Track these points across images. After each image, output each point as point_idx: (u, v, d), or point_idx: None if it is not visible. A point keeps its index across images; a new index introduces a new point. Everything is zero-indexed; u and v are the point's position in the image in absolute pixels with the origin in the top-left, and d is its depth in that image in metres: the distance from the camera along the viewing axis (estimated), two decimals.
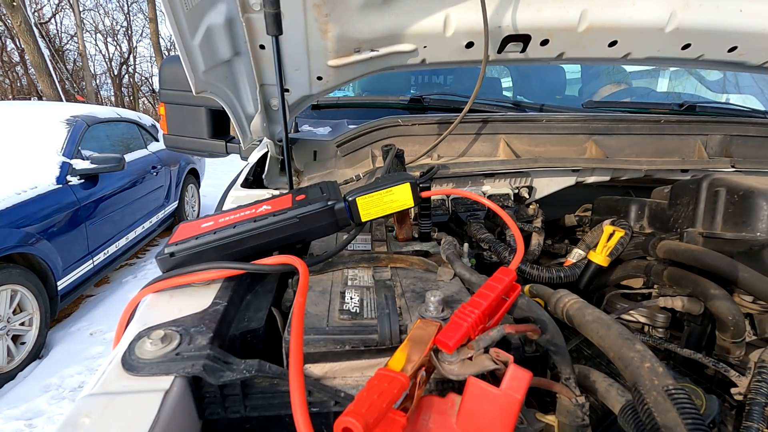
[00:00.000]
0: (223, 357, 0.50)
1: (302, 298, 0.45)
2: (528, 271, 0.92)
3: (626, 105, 1.86)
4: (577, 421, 0.51)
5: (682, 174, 1.33)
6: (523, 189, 1.28)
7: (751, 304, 0.77)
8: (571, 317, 0.64)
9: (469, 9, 0.99)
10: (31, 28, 9.68)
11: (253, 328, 0.60)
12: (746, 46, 1.12)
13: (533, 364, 0.55)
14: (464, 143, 1.35)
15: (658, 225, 0.99)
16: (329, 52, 1.01)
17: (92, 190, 3.39)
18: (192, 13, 0.84)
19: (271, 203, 0.75)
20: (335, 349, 0.53)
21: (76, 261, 3.14)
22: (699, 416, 0.44)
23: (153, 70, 20.78)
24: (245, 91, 1.09)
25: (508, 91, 2.23)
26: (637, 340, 0.52)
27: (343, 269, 0.73)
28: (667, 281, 0.85)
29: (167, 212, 4.86)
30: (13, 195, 2.71)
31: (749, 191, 0.77)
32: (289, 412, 0.49)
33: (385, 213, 0.73)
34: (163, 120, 1.40)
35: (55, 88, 10.52)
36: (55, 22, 16.68)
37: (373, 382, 0.38)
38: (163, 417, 0.42)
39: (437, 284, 0.69)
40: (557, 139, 1.37)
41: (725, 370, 0.69)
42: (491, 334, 0.47)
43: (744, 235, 0.77)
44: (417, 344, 0.44)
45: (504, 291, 0.51)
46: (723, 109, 1.75)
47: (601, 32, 1.05)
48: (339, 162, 1.32)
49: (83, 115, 3.76)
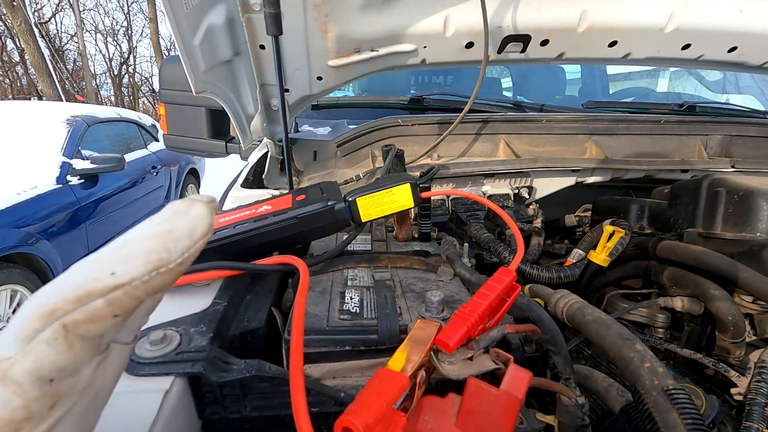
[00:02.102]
0: (223, 357, 0.50)
1: (302, 298, 0.45)
2: (528, 271, 0.92)
3: (626, 105, 1.86)
4: (577, 421, 0.51)
5: (682, 174, 1.33)
6: (523, 189, 1.28)
7: (751, 304, 0.77)
8: (571, 317, 0.64)
9: (469, 9, 0.99)
10: (31, 28, 9.68)
11: (253, 328, 0.60)
12: (746, 46, 1.12)
13: (533, 364, 0.55)
14: (464, 143, 1.35)
15: (658, 225, 0.99)
16: (329, 52, 1.01)
17: (92, 190, 3.39)
18: (192, 13, 0.84)
19: (271, 203, 0.75)
20: (335, 350, 0.53)
21: (76, 261, 3.13)
22: (699, 416, 0.44)
23: (153, 70, 20.80)
24: (245, 91, 1.09)
25: (508, 91, 2.23)
26: (637, 340, 0.52)
27: (343, 269, 0.73)
28: (667, 281, 0.85)
29: None
30: (13, 195, 2.71)
31: (749, 191, 0.77)
32: (289, 412, 0.49)
33: (385, 213, 0.73)
34: (163, 120, 1.40)
35: (55, 88, 10.53)
36: (55, 22, 16.70)
37: (373, 382, 0.38)
38: (162, 417, 0.42)
39: (437, 284, 0.69)
40: (557, 139, 1.37)
41: (725, 370, 0.69)
42: (491, 334, 0.47)
43: (744, 235, 0.77)
44: (417, 344, 0.44)
45: (504, 291, 0.51)
46: (723, 109, 1.74)
47: (601, 32, 1.06)
48: (339, 162, 1.32)
49: (83, 115, 3.76)
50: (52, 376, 0.22)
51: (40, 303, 0.22)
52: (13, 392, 0.21)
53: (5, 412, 0.21)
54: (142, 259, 0.23)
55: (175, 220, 0.25)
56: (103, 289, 0.22)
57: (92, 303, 0.22)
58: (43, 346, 0.22)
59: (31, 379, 0.22)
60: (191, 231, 0.25)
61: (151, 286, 0.23)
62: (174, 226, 0.25)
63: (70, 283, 0.23)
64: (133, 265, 0.23)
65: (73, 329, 0.22)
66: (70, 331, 0.22)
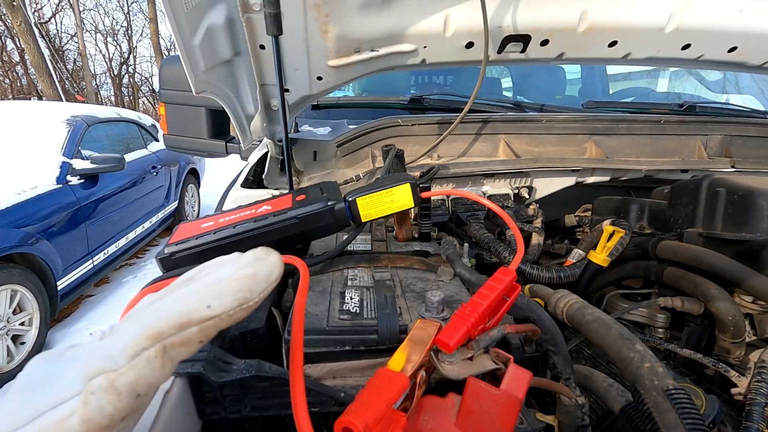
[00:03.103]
0: (223, 357, 0.50)
1: (302, 298, 0.45)
2: (528, 271, 0.92)
3: (626, 105, 1.86)
4: (577, 422, 0.51)
5: (682, 174, 1.33)
6: (523, 189, 1.28)
7: (751, 304, 0.77)
8: (571, 317, 0.64)
9: (469, 9, 0.99)
10: (31, 28, 9.68)
11: (253, 328, 0.60)
12: (746, 46, 1.12)
13: (533, 364, 0.55)
14: (464, 143, 1.35)
15: (658, 225, 0.99)
16: (329, 52, 1.01)
17: (92, 190, 3.39)
18: (192, 13, 0.84)
19: (271, 203, 0.75)
20: (335, 350, 0.53)
21: (76, 261, 3.14)
22: (699, 416, 0.44)
23: (153, 70, 20.78)
24: (245, 91, 1.09)
25: (508, 91, 2.23)
26: (637, 340, 0.52)
27: (343, 269, 0.73)
28: (667, 281, 0.85)
29: (167, 212, 4.86)
30: (13, 195, 2.71)
31: (749, 191, 0.77)
32: (289, 412, 0.49)
33: (385, 213, 0.73)
34: (163, 120, 1.40)
35: (55, 88, 10.52)
36: (55, 22, 16.69)
37: (373, 382, 0.38)
38: (163, 417, 0.42)
39: (437, 284, 0.69)
40: (557, 139, 1.37)
41: (725, 370, 0.69)
42: (491, 334, 0.47)
43: (744, 235, 0.77)
44: (417, 344, 0.44)
45: (504, 291, 0.51)
46: (723, 109, 1.74)
47: (601, 32, 1.06)
48: (339, 162, 1.32)
49: (83, 115, 3.75)
50: (142, 392, 0.25)
51: (148, 324, 0.25)
52: (110, 401, 0.24)
53: (98, 417, 0.24)
54: (231, 296, 0.28)
55: (257, 266, 0.30)
56: (200, 319, 0.27)
57: (189, 330, 0.26)
58: (145, 362, 0.25)
59: (129, 391, 0.24)
60: (268, 276, 0.30)
61: (233, 319, 0.28)
62: (257, 271, 0.30)
63: (174, 311, 0.27)
64: (225, 301, 0.28)
65: (169, 350, 0.26)
66: (167, 353, 0.26)
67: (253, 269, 0.30)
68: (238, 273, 0.29)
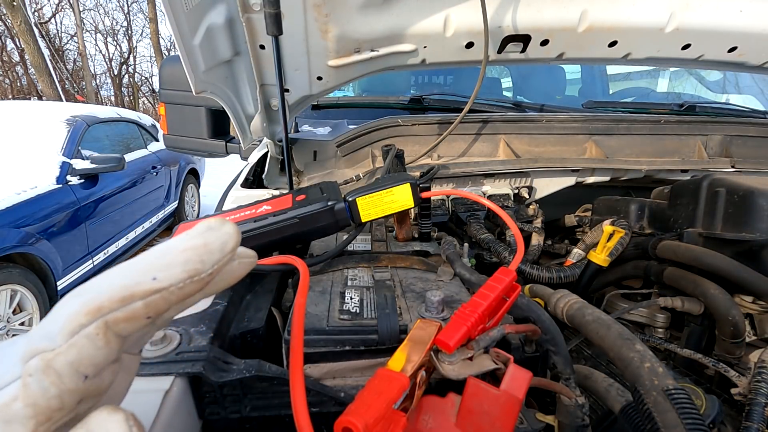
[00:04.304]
0: (223, 357, 0.50)
1: (302, 298, 0.45)
2: (528, 271, 0.92)
3: (626, 105, 1.86)
4: (577, 421, 0.51)
5: (682, 174, 1.33)
6: (523, 189, 1.28)
7: (751, 304, 0.77)
8: (571, 317, 0.64)
9: (469, 9, 0.99)
10: (31, 28, 9.68)
11: (253, 328, 0.60)
12: (746, 46, 1.12)
13: (533, 364, 0.55)
14: (464, 143, 1.35)
15: (658, 225, 0.99)
16: (329, 52, 1.01)
17: (92, 190, 3.39)
18: (192, 13, 0.84)
19: (271, 203, 0.75)
20: (335, 350, 0.53)
21: (76, 261, 3.14)
22: (699, 416, 0.44)
23: (153, 70, 20.77)
24: (245, 91, 1.09)
25: (508, 91, 2.23)
26: (637, 340, 0.52)
27: (343, 269, 0.73)
28: (667, 281, 0.85)
29: (167, 212, 4.86)
30: (13, 195, 2.71)
31: (749, 191, 0.77)
32: (289, 412, 0.49)
33: (385, 213, 0.73)
34: (163, 120, 1.40)
35: (55, 88, 10.52)
36: (55, 22, 16.69)
37: (373, 382, 0.38)
38: (163, 417, 0.42)
39: (437, 284, 0.69)
40: (557, 139, 1.37)
41: (725, 370, 0.69)
42: (491, 334, 0.47)
43: (744, 235, 0.77)
44: (417, 344, 0.44)
45: (504, 291, 0.51)
46: (723, 109, 1.74)
47: (601, 32, 1.06)
48: (339, 162, 1.32)
49: (83, 115, 3.75)
50: (88, 372, 0.24)
51: (86, 300, 0.24)
52: (51, 382, 0.23)
53: (43, 399, 0.23)
54: (180, 267, 0.26)
55: (209, 235, 0.28)
56: (145, 292, 0.24)
57: (133, 304, 0.24)
58: (85, 340, 0.23)
59: (71, 371, 0.23)
60: (223, 246, 0.27)
61: (184, 293, 0.26)
62: (209, 240, 0.27)
63: (115, 284, 0.25)
64: (173, 272, 0.25)
65: (112, 327, 0.24)
66: (109, 329, 0.24)
67: (203, 239, 0.27)
68: (187, 243, 0.27)
